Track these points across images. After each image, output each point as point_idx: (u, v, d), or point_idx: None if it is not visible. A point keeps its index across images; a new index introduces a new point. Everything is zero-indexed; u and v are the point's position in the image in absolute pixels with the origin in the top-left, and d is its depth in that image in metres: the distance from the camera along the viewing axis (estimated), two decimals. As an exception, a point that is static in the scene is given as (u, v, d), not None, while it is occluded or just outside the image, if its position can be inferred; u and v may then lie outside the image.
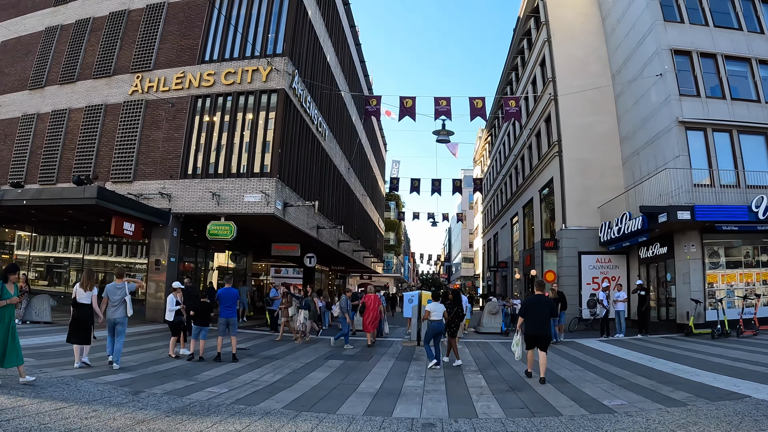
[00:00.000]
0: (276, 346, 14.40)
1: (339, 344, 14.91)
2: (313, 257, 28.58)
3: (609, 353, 13.47)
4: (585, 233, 23.21)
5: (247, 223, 20.55)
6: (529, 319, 9.73)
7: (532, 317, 9.69)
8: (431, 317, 11.25)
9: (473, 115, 23.50)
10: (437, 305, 11.47)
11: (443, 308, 11.48)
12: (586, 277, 22.53)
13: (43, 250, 24.82)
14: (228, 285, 11.81)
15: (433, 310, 11.31)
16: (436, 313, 11.30)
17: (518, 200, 34.05)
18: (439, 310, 11.34)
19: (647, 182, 20.75)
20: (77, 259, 23.68)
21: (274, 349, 13.82)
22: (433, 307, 11.40)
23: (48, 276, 24.75)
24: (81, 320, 9.60)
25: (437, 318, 11.24)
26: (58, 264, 24.61)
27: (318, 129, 24.83)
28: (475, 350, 14.72)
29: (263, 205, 18.70)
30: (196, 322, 11.31)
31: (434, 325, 11.20)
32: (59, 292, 22.81)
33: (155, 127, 21.27)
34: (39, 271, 24.65)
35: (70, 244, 24.35)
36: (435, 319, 11.22)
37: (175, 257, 20.31)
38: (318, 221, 25.02)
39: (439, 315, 11.29)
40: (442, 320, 11.28)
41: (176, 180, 20.27)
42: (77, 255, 23.73)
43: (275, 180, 18.90)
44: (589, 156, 24.13)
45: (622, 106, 24.36)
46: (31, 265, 24.27)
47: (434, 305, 11.46)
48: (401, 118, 23.36)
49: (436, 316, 11.25)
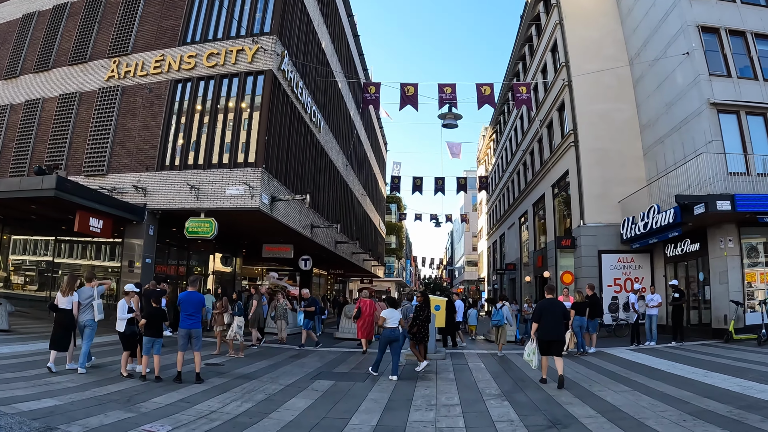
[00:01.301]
0: (255, 361, 12.28)
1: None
2: (308, 260, 26.56)
3: (651, 366, 11.35)
4: (605, 230, 21.12)
5: (231, 220, 18.52)
6: (543, 323, 9.51)
7: (545, 322, 9.49)
8: (386, 324, 10.76)
9: (481, 102, 21.57)
10: (392, 311, 10.97)
11: (398, 315, 11.07)
12: (607, 278, 20.44)
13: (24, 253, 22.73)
14: (191, 288, 9.65)
15: (388, 317, 10.81)
16: (392, 320, 10.81)
17: (527, 198, 31.93)
18: (394, 317, 10.86)
19: (674, 173, 18.76)
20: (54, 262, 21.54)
21: (252, 365, 11.68)
22: (388, 313, 10.89)
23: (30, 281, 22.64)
24: (61, 325, 9.55)
25: (391, 325, 10.77)
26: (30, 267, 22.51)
27: (312, 119, 22.80)
28: (491, 364, 12.58)
29: (247, 199, 16.64)
30: (146, 333, 9.23)
31: (386, 333, 10.73)
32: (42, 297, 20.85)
33: (131, 115, 19.33)
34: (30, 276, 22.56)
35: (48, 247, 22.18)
36: (388, 326, 10.76)
37: (151, 258, 18.27)
38: (312, 219, 22.95)
39: (394, 322, 10.82)
40: (396, 328, 10.84)
41: (152, 172, 18.26)
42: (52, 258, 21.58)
43: (261, 171, 16.85)
44: (608, 145, 22.09)
45: (643, 92, 22.32)
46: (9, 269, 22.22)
47: (389, 311, 10.95)
48: (402, 107, 21.55)
49: (390, 323, 10.78)
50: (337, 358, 13.26)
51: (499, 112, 44.40)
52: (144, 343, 9.27)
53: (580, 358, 12.97)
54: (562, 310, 9.75)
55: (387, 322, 10.78)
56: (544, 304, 9.78)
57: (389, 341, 10.69)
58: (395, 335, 10.78)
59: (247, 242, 25.41)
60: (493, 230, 49.65)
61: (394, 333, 10.76)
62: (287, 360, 12.62)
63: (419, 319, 11.26)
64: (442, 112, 18.60)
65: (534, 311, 10.19)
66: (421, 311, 11.35)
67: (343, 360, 12.75)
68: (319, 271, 40.70)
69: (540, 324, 9.52)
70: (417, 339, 11.23)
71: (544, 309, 9.65)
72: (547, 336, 9.44)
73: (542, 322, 9.51)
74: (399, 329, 10.92)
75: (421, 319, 11.26)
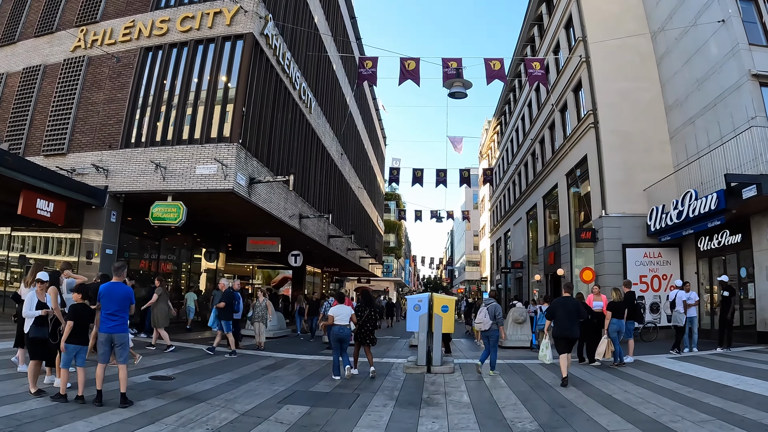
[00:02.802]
0: (217, 374, 9.93)
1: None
2: (298, 255, 24.17)
3: (715, 381, 8.98)
4: (630, 221, 18.76)
5: (205, 206, 16.26)
6: (557, 320, 9.65)
7: (560, 318, 9.59)
8: (335, 322, 10.18)
9: (490, 77, 19.42)
10: (341, 308, 10.39)
11: (350, 311, 10.44)
12: (632, 275, 18.07)
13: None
14: (116, 278, 7.22)
15: (337, 314, 10.25)
16: (341, 317, 10.24)
17: (536, 190, 29.55)
18: (343, 314, 10.27)
19: (708, 156, 16.55)
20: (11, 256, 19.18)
21: (210, 379, 9.31)
22: (337, 310, 10.34)
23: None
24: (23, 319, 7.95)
25: (342, 323, 10.20)
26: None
27: (301, 97, 20.48)
28: (512, 378, 10.14)
29: (219, 179, 14.31)
30: (70, 339, 6.86)
31: (335, 330, 10.15)
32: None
33: (96, 87, 17.13)
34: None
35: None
36: (338, 324, 10.18)
37: (113, 249, 15.92)
38: (301, 209, 20.61)
39: (345, 319, 10.24)
40: (347, 325, 10.25)
41: (116, 150, 15.97)
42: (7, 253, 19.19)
43: (236, 147, 14.52)
44: (631, 128, 19.77)
45: (668, 69, 20.00)
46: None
47: (339, 308, 10.40)
48: (402, 82, 19.42)
49: (340, 321, 10.21)
50: (320, 370, 10.89)
51: (504, 102, 42.04)
52: (66, 351, 6.86)
53: (619, 371, 10.62)
54: (576, 307, 9.77)
55: (336, 319, 10.17)
56: (558, 301, 9.92)
57: (340, 340, 10.09)
58: (345, 333, 10.14)
59: (230, 235, 23.07)
60: (497, 227, 47.25)
61: (343, 331, 10.13)
62: (257, 373, 10.25)
63: (361, 320, 10.53)
64: (448, 81, 16.22)
65: (548, 308, 10.23)
66: (361, 311, 10.63)
67: (326, 373, 10.36)
68: (313, 269, 38.41)
69: (554, 321, 9.72)
70: (358, 339, 10.65)
71: (557, 306, 9.77)
72: (562, 333, 9.49)
73: (556, 319, 9.65)
74: (350, 327, 10.31)
75: (363, 319, 10.53)
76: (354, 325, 10.51)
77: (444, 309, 11.01)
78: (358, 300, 11.63)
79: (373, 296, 13.79)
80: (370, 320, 10.68)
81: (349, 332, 10.30)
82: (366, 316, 10.62)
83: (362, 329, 10.57)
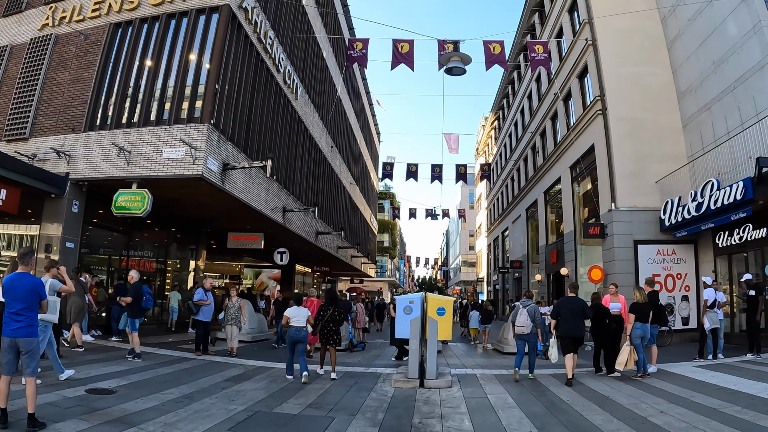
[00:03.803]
0: (169, 387, 8.38)
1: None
2: (284, 253, 22.63)
3: (762, 397, 7.51)
4: (642, 215, 17.30)
5: (175, 196, 14.76)
6: (563, 319, 9.69)
7: (565, 318, 9.65)
8: (291, 323, 9.89)
9: (490, 62, 18.13)
10: (297, 310, 10.04)
11: (306, 313, 10.07)
12: (644, 274, 16.51)
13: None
14: (22, 268, 5.69)
15: (293, 316, 9.95)
16: (297, 318, 9.91)
17: (537, 185, 28.06)
18: (300, 316, 9.93)
19: (727, 144, 15.12)
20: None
21: (159, 393, 7.76)
22: (294, 312, 10.01)
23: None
24: None
25: (298, 324, 9.87)
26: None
27: (286, 81, 18.96)
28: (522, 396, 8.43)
29: (187, 164, 12.75)
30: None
31: (291, 332, 9.89)
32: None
33: (62, 67, 15.60)
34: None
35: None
36: (294, 326, 9.87)
37: (74, 242, 14.36)
38: (285, 202, 19.07)
39: (301, 321, 9.90)
40: (303, 327, 9.87)
41: (79, 134, 14.41)
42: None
43: (207, 128, 12.98)
44: (641, 115, 18.32)
45: (681, 52, 18.56)
46: None
47: (295, 310, 10.06)
48: (395, 66, 18.09)
49: (297, 322, 9.88)
50: (293, 383, 9.30)
51: (502, 96, 40.58)
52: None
53: (645, 384, 9.10)
54: (581, 307, 9.82)
55: (292, 321, 9.85)
56: (563, 301, 10.10)
57: (295, 342, 9.77)
58: (300, 335, 9.76)
59: (211, 230, 21.47)
60: (494, 226, 45.75)
61: (299, 333, 9.77)
62: (217, 386, 8.66)
63: (323, 320, 10.26)
64: (445, 55, 14.71)
65: (553, 307, 10.33)
66: (324, 311, 10.37)
67: (299, 387, 8.82)
68: (303, 269, 36.81)
69: (560, 320, 9.75)
70: (322, 340, 10.36)
71: (562, 306, 9.92)
72: (567, 332, 9.56)
73: (561, 319, 9.71)
74: (306, 329, 9.88)
75: (325, 319, 10.24)
76: (311, 327, 10.14)
77: (440, 312, 9.47)
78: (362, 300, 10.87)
79: (339, 295, 13.10)
80: (333, 320, 10.29)
81: (305, 334, 9.84)
82: (329, 316, 10.26)
83: (325, 330, 10.23)
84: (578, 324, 9.64)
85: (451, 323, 9.81)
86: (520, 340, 10.29)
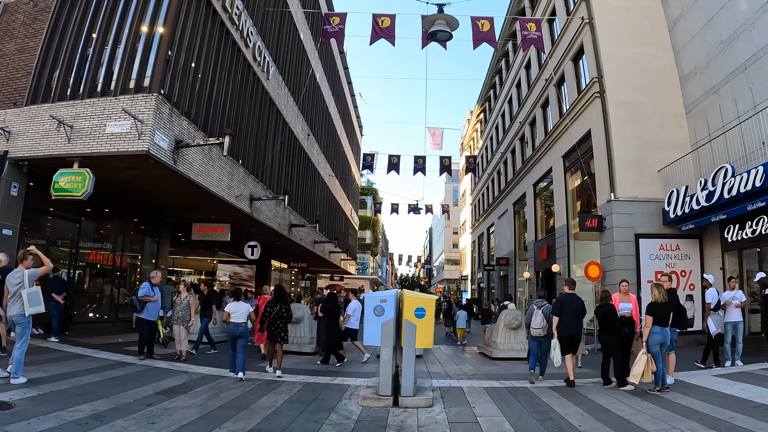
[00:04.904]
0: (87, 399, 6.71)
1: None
2: (256, 247, 20.84)
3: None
4: (643, 207, 15.85)
5: (125, 178, 13.01)
6: (565, 318, 9.07)
7: (568, 316, 9.08)
8: (231, 319, 9.58)
9: (478, 40, 16.59)
10: (238, 305, 9.82)
11: (247, 308, 9.90)
12: (646, 271, 15.21)
13: None
14: None
15: (234, 311, 9.65)
16: (237, 314, 9.64)
17: (526, 178, 26.54)
18: (241, 311, 9.69)
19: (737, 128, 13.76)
20: None
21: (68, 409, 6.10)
22: (234, 307, 9.74)
23: None
24: None
25: (237, 320, 9.59)
26: None
27: (256, 57, 17.23)
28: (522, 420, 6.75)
29: (133, 139, 10.98)
30: None
31: (230, 328, 9.60)
32: None
33: (8, 37, 13.82)
34: None
35: None
36: (234, 321, 9.57)
37: (12, 229, 12.48)
38: (253, 189, 17.36)
39: (242, 317, 9.63)
40: (243, 323, 9.63)
41: (21, 108, 12.58)
42: None
43: (156, 99, 11.23)
44: (642, 99, 16.90)
45: (684, 33, 17.15)
46: None
47: (235, 305, 9.82)
48: (374, 41, 16.49)
49: (236, 318, 9.61)
50: (240, 398, 7.63)
51: (489, 86, 39.07)
52: None
53: (667, 400, 7.55)
54: (581, 305, 9.37)
55: (233, 316, 9.62)
56: (565, 298, 9.37)
57: (235, 337, 9.59)
58: (240, 331, 9.57)
59: (174, 220, 19.63)
60: (479, 222, 44.25)
61: (238, 328, 9.58)
62: (144, 401, 6.94)
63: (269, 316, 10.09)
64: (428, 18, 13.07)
65: (555, 305, 9.45)
66: (271, 307, 10.20)
67: (244, 405, 7.13)
68: (280, 264, 34.99)
69: (562, 319, 9.12)
70: (269, 338, 10.17)
71: (565, 303, 9.25)
72: (570, 332, 9.14)
73: (563, 317, 9.13)
74: (246, 324, 9.69)
75: (272, 316, 10.07)
76: (251, 323, 10.02)
77: (419, 313, 7.67)
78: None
79: (287, 292, 12.25)
80: (281, 317, 10.10)
81: (244, 330, 9.62)
82: (276, 313, 10.08)
83: (273, 327, 10.03)
84: (579, 323, 9.27)
85: (433, 327, 7.98)
86: (535, 341, 9.83)
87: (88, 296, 16.57)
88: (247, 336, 9.72)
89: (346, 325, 12.91)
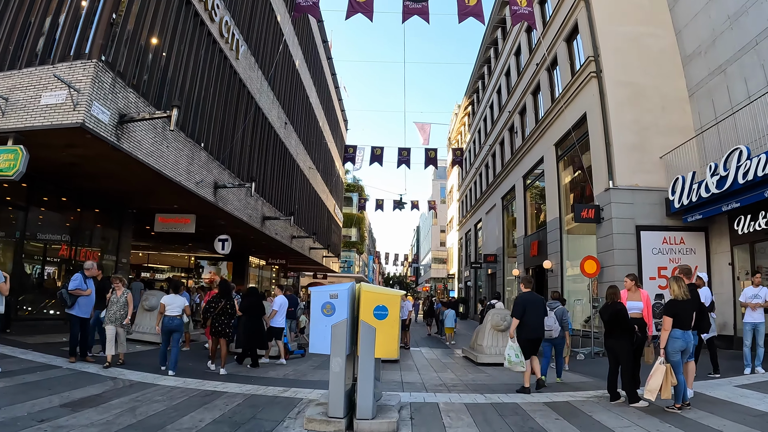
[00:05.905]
0: None
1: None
2: (226, 241, 19.29)
3: None
4: (644, 196, 14.56)
5: (67, 159, 11.51)
6: (530, 320, 8.52)
7: (532, 317, 8.56)
8: (166, 312, 9.36)
9: (463, 14, 15.30)
10: (173, 298, 9.52)
11: (183, 301, 9.60)
12: (648, 267, 13.94)
13: None
14: None
15: (169, 304, 9.42)
16: (173, 306, 9.40)
17: (516, 169, 25.20)
18: (176, 304, 9.44)
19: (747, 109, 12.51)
20: None
21: None
22: (170, 299, 9.49)
23: None
24: None
25: (172, 313, 9.37)
26: None
27: (223, 33, 15.72)
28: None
29: (68, 110, 9.46)
30: None
31: (165, 321, 9.35)
32: None
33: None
34: None
35: None
36: (168, 314, 9.37)
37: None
38: (217, 176, 15.85)
39: (177, 310, 9.41)
40: (177, 316, 9.37)
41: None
42: None
43: (95, 66, 9.70)
44: (642, 80, 15.64)
45: (686, 11, 15.90)
46: None
47: (171, 297, 9.55)
48: (350, 16, 15.16)
49: (171, 311, 9.38)
50: (155, 416, 6.07)
51: (477, 77, 37.72)
52: None
53: (691, 421, 6.19)
54: (544, 304, 9.07)
55: (168, 309, 9.37)
56: (526, 298, 8.70)
57: (169, 331, 9.31)
58: (174, 324, 9.33)
59: (136, 211, 18.06)
60: (467, 218, 42.93)
61: (173, 322, 9.33)
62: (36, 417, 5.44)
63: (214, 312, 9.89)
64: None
65: (516, 306, 8.65)
66: (215, 303, 9.99)
67: (160, 425, 5.62)
68: (258, 261, 33.45)
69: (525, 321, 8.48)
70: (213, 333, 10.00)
71: (528, 303, 8.59)
72: (535, 334, 8.66)
73: (527, 319, 8.50)
74: (182, 318, 9.54)
75: (216, 311, 9.86)
76: (187, 317, 9.93)
77: (380, 313, 6.01)
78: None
79: (231, 287, 11.62)
80: (225, 313, 9.89)
81: (179, 323, 9.41)
82: (220, 309, 9.87)
83: (217, 322, 9.82)
84: (542, 323, 8.87)
85: (398, 330, 6.27)
86: (547, 343, 9.51)
87: (38, 291, 15.03)
88: (182, 330, 9.53)
89: (271, 323, 11.60)
